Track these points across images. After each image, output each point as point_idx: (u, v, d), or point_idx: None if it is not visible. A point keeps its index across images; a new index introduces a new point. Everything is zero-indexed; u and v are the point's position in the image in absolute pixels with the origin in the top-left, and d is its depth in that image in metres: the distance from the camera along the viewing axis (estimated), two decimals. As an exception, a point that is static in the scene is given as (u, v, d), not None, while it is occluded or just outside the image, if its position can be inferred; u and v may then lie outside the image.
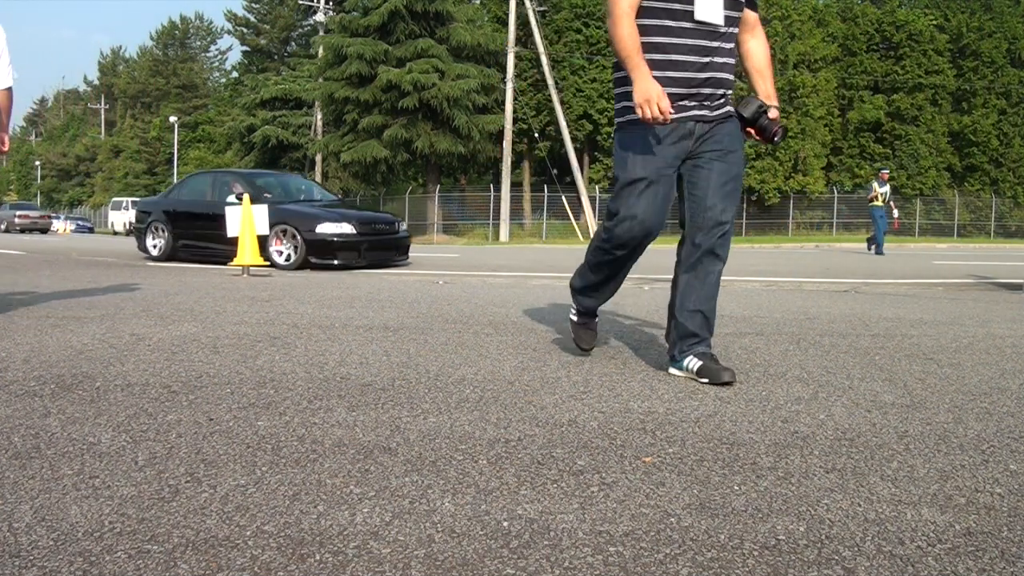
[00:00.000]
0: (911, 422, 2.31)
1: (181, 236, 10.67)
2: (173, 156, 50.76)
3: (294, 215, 9.50)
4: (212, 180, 11.09)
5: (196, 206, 10.82)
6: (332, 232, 9.21)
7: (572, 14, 31.35)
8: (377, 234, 9.66)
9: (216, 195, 10.64)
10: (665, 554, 1.39)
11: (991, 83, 33.56)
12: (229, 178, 10.89)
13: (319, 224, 9.24)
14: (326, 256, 9.12)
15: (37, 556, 1.34)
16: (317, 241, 9.14)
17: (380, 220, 10.09)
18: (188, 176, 11.74)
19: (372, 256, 9.51)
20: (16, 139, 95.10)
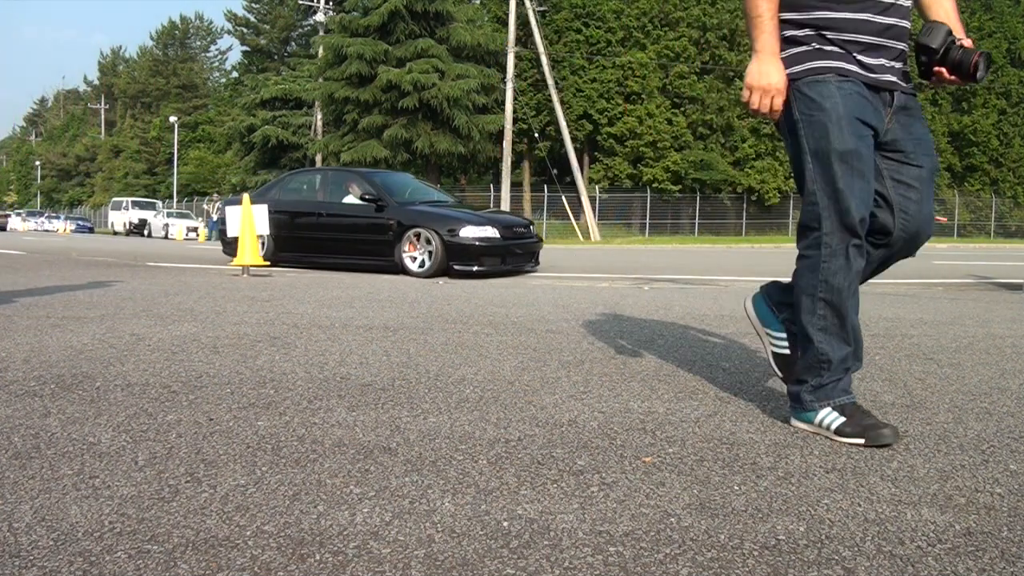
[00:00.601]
0: (911, 422, 2.31)
1: (286, 241, 9.50)
2: (173, 156, 50.76)
3: (433, 218, 8.57)
4: (321, 178, 9.90)
5: (304, 206, 9.64)
6: (476, 236, 8.38)
7: (572, 14, 31.34)
8: (517, 238, 8.89)
9: (328, 195, 9.54)
10: (665, 554, 1.39)
11: (991, 83, 33.56)
12: (345, 176, 9.80)
13: (463, 227, 8.39)
14: (468, 262, 8.31)
15: (37, 556, 1.34)
16: (459, 246, 8.30)
17: (518, 223, 9.24)
18: (288, 174, 10.54)
19: (513, 262, 8.78)
20: (16, 139, 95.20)
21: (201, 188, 48.60)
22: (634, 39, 31.25)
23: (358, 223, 8.98)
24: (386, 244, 8.68)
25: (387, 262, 8.65)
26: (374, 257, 8.80)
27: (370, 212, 8.87)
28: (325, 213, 9.29)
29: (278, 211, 9.51)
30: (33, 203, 74.04)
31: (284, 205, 9.70)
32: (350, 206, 9.14)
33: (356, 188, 9.20)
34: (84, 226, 45.57)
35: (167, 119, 53.07)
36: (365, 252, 8.89)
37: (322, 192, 9.63)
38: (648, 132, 30.31)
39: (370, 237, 8.83)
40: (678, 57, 30.84)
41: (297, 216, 9.52)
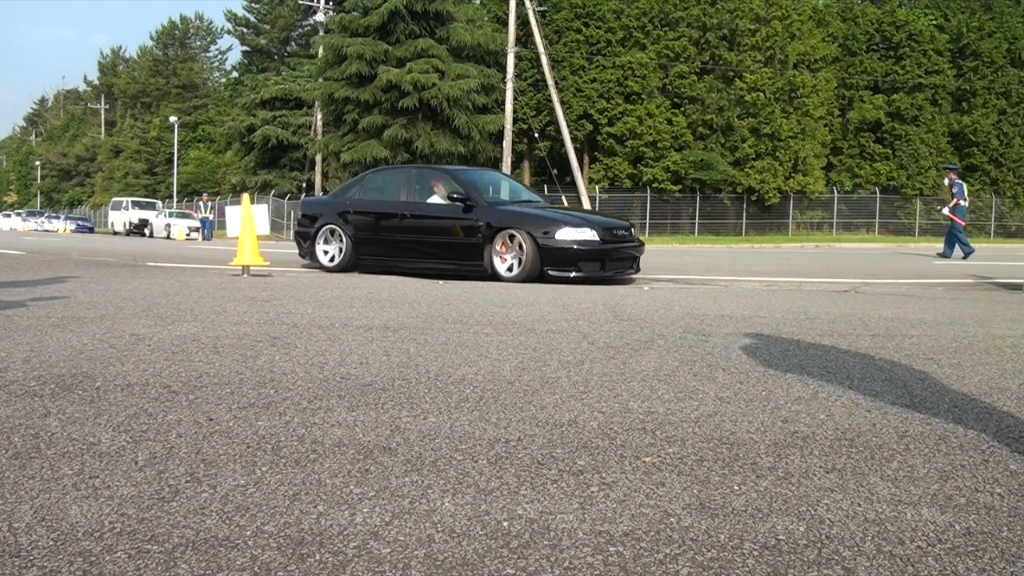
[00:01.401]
0: (911, 422, 2.31)
1: (366, 244, 8.87)
2: (173, 156, 50.77)
3: (526, 219, 7.91)
4: (405, 176, 9.14)
5: (386, 207, 8.93)
6: (574, 239, 7.70)
7: (572, 14, 31.34)
8: (617, 241, 8.12)
9: (412, 194, 8.84)
10: (665, 554, 1.39)
11: (991, 83, 33.56)
12: (430, 174, 9.16)
13: (559, 229, 7.73)
14: (565, 266, 7.66)
15: (37, 556, 1.34)
16: (555, 249, 7.65)
17: (619, 226, 8.39)
18: (370, 172, 9.87)
19: (614, 267, 8.04)
20: (16, 139, 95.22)
21: (201, 188, 48.64)
22: (634, 39, 31.24)
23: (444, 225, 8.33)
24: (475, 247, 8.05)
25: (475, 267, 8.03)
26: (461, 261, 8.17)
27: (457, 213, 8.22)
28: (409, 214, 8.61)
29: (357, 212, 8.95)
30: (33, 203, 74.07)
31: (364, 205, 9.03)
32: (435, 206, 8.52)
33: (442, 187, 8.57)
34: (84, 226, 45.59)
35: (167, 119, 53.08)
36: (452, 256, 8.25)
37: (405, 191, 8.88)
38: (648, 132, 30.30)
39: (457, 240, 8.20)
40: (678, 57, 30.84)
41: (378, 217, 8.86)
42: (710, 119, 31.03)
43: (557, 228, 7.78)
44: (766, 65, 30.77)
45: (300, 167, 39.18)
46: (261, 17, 53.26)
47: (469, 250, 8.11)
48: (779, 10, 31.13)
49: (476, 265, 8.04)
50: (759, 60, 30.80)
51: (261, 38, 53.34)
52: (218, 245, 21.32)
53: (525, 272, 7.71)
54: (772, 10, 31.06)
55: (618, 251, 8.09)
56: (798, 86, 30.89)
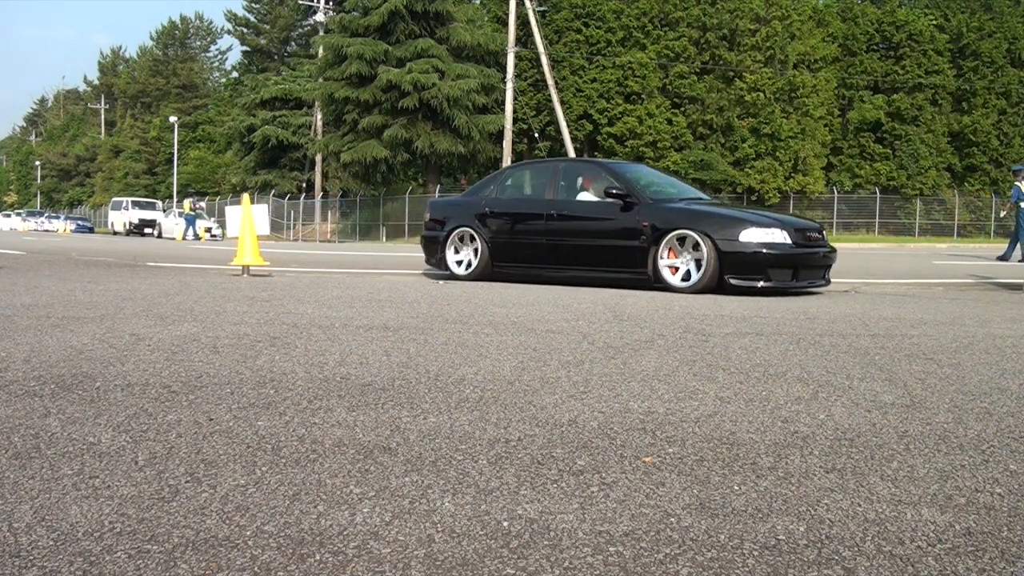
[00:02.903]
0: (911, 422, 2.31)
1: (505, 249, 7.87)
2: (173, 156, 50.77)
3: (702, 218, 6.83)
4: (551, 172, 8.02)
5: (528, 207, 7.93)
6: (761, 241, 6.54)
7: (572, 14, 31.35)
8: (810, 245, 6.96)
9: (560, 192, 7.75)
10: (665, 554, 1.39)
11: (991, 83, 33.56)
12: (580, 169, 8.14)
13: (744, 230, 6.60)
14: (751, 275, 6.52)
15: (37, 556, 1.34)
16: (740, 254, 6.53)
17: (810, 227, 7.24)
18: (509, 168, 8.77)
19: (806, 276, 6.87)
20: (16, 139, 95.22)
21: (201, 188, 48.62)
22: (634, 39, 31.25)
23: (599, 226, 7.33)
24: (637, 252, 6.98)
25: (637, 274, 6.98)
26: (620, 268, 7.13)
27: (614, 212, 7.19)
28: (556, 214, 7.57)
29: (495, 213, 7.96)
30: (33, 203, 74.06)
31: (503, 205, 8.04)
32: (587, 205, 7.54)
33: (595, 183, 7.61)
34: (84, 226, 45.61)
35: (167, 119, 53.09)
36: (609, 262, 7.21)
37: (551, 189, 7.78)
38: (648, 132, 30.31)
39: (615, 243, 7.17)
40: (678, 57, 30.84)
41: (520, 219, 7.88)
42: (710, 119, 31.04)
43: (741, 229, 6.64)
44: (766, 65, 30.78)
45: (300, 167, 39.19)
46: (261, 17, 53.27)
47: (630, 255, 7.05)
48: (779, 10, 31.14)
49: (638, 273, 6.99)
50: (759, 60, 30.81)
51: (261, 38, 53.34)
52: (217, 245, 21.32)
53: (704, 281, 6.57)
54: (772, 10, 31.06)
55: (812, 257, 6.93)
56: (798, 86, 30.90)
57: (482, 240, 7.91)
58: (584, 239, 7.42)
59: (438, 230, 8.38)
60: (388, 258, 14.31)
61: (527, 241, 7.77)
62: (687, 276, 6.74)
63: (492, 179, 8.67)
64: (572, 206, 7.59)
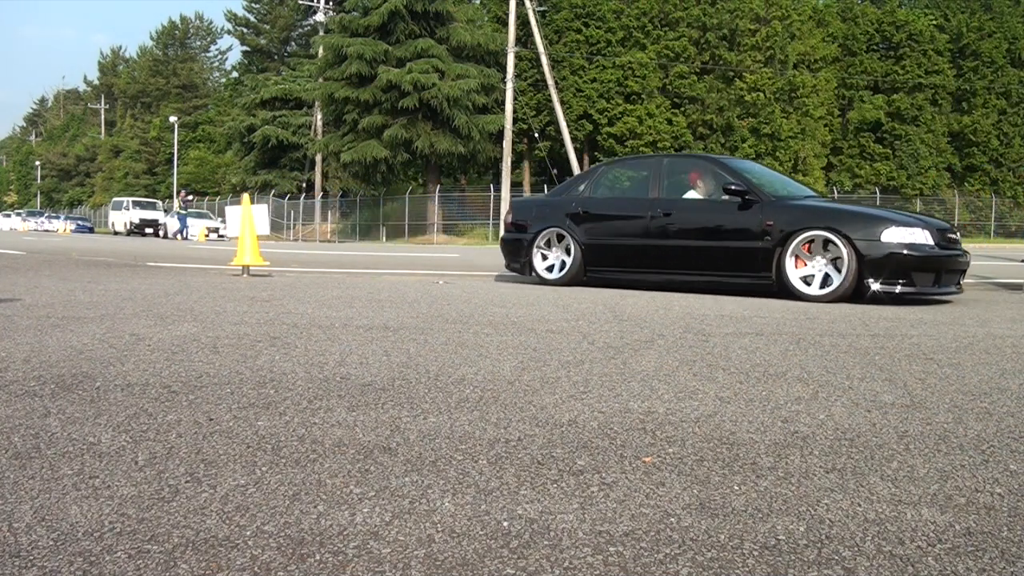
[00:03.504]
0: (911, 422, 2.31)
1: (602, 252, 7.29)
2: (173, 156, 50.78)
3: (838, 216, 6.20)
4: (653, 169, 7.38)
5: (629, 207, 7.36)
6: (903, 242, 5.94)
7: (572, 14, 31.35)
8: (951, 248, 6.34)
9: (664, 190, 7.17)
10: (665, 554, 1.39)
11: (991, 83, 33.57)
12: (687, 164, 7.60)
13: (884, 229, 5.98)
14: (893, 278, 5.92)
15: (37, 556, 1.34)
16: (881, 256, 5.90)
17: (949, 228, 6.62)
18: (603, 164, 8.22)
19: (946, 280, 6.22)
20: (16, 139, 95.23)
21: (201, 188, 48.62)
22: (634, 39, 31.25)
23: (715, 227, 6.75)
24: (759, 254, 6.37)
25: (759, 279, 6.40)
26: (739, 273, 6.53)
27: (731, 211, 6.63)
28: (663, 214, 6.97)
29: (590, 213, 7.38)
30: (33, 203, 74.07)
31: (600, 205, 7.47)
32: (699, 203, 6.99)
33: (704, 180, 7.08)
34: (84, 226, 45.60)
35: (167, 119, 53.09)
36: (726, 266, 6.61)
37: (655, 186, 7.18)
38: (648, 132, 30.32)
39: (733, 245, 6.58)
40: (678, 57, 30.85)
41: (619, 219, 7.30)
42: (710, 119, 31.04)
43: (883, 228, 6.00)
44: (766, 65, 30.79)
45: (300, 167, 39.20)
46: (261, 17, 53.28)
47: (750, 258, 6.44)
48: (779, 10, 31.15)
49: (760, 277, 6.39)
50: (759, 60, 30.82)
51: (261, 38, 53.36)
52: (217, 245, 21.33)
53: (844, 286, 5.96)
54: (772, 10, 31.07)
55: (953, 260, 6.29)
56: (798, 86, 30.91)
57: (574, 242, 7.32)
58: (697, 241, 6.81)
59: (522, 232, 7.82)
60: (388, 258, 14.31)
61: (628, 243, 7.17)
62: (821, 281, 6.13)
63: (583, 177, 8.06)
64: (681, 205, 6.99)
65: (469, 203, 33.10)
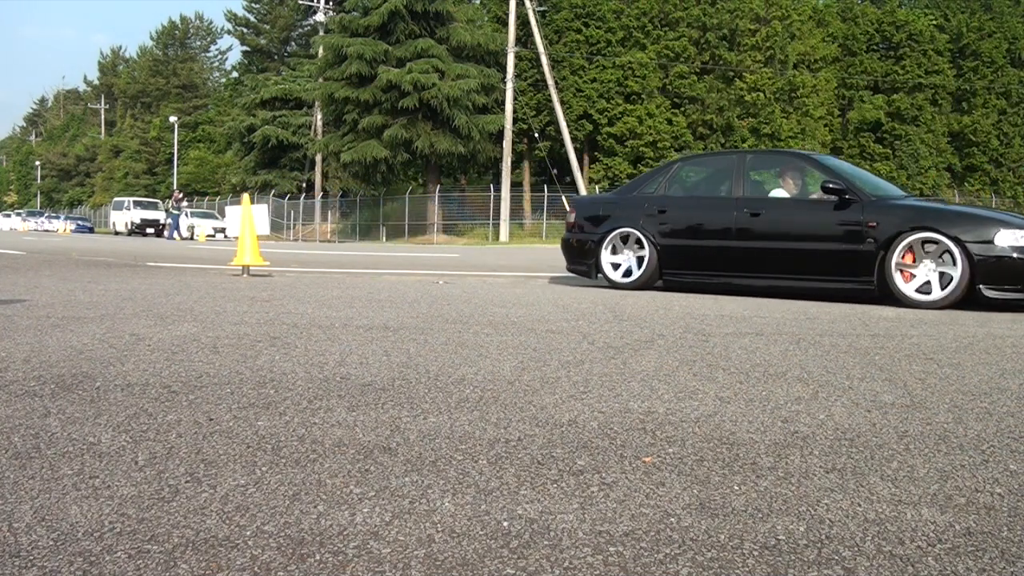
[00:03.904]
0: (911, 422, 2.31)
1: (680, 254, 6.84)
2: (173, 156, 50.78)
3: (946, 217, 5.82)
4: (735, 165, 6.93)
5: (710, 206, 6.94)
6: (1016, 246, 5.57)
7: (572, 14, 31.35)
8: None
9: (748, 188, 6.77)
10: (665, 554, 1.39)
11: (991, 83, 33.58)
12: (774, 161, 7.24)
13: (996, 231, 5.60)
14: (1010, 285, 5.55)
15: (37, 556, 1.34)
16: (996, 260, 5.54)
17: None
18: (680, 160, 7.76)
19: None
20: (16, 139, 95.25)
21: (201, 188, 48.64)
22: (634, 39, 31.25)
23: (809, 228, 6.32)
24: (860, 258, 5.96)
25: (860, 284, 5.97)
26: (837, 277, 6.12)
27: (826, 210, 6.21)
28: (750, 213, 6.53)
29: (666, 211, 6.93)
30: (33, 203, 74.07)
31: (678, 204, 7.05)
32: (789, 202, 6.57)
33: (792, 177, 6.72)
34: (84, 226, 45.61)
35: (167, 119, 53.10)
36: (822, 270, 6.19)
37: (739, 184, 6.76)
38: (648, 132, 30.32)
39: (830, 248, 6.16)
40: (678, 57, 30.85)
41: (700, 219, 6.88)
42: (710, 119, 31.04)
43: (995, 230, 5.61)
44: (766, 65, 30.79)
45: (300, 167, 39.20)
46: (261, 17, 53.28)
47: (850, 262, 6.04)
48: (779, 10, 31.16)
49: (860, 282, 5.98)
50: (759, 60, 30.82)
51: (261, 38, 53.36)
52: (217, 245, 21.32)
53: (957, 292, 5.58)
54: (772, 10, 31.07)
55: None
56: (798, 86, 30.92)
57: (649, 243, 6.87)
58: (789, 243, 6.36)
59: (588, 232, 7.34)
60: (388, 258, 14.31)
61: (710, 245, 6.71)
62: (930, 287, 5.72)
63: (656, 174, 7.52)
64: (771, 204, 6.56)
65: (469, 203, 33.11)
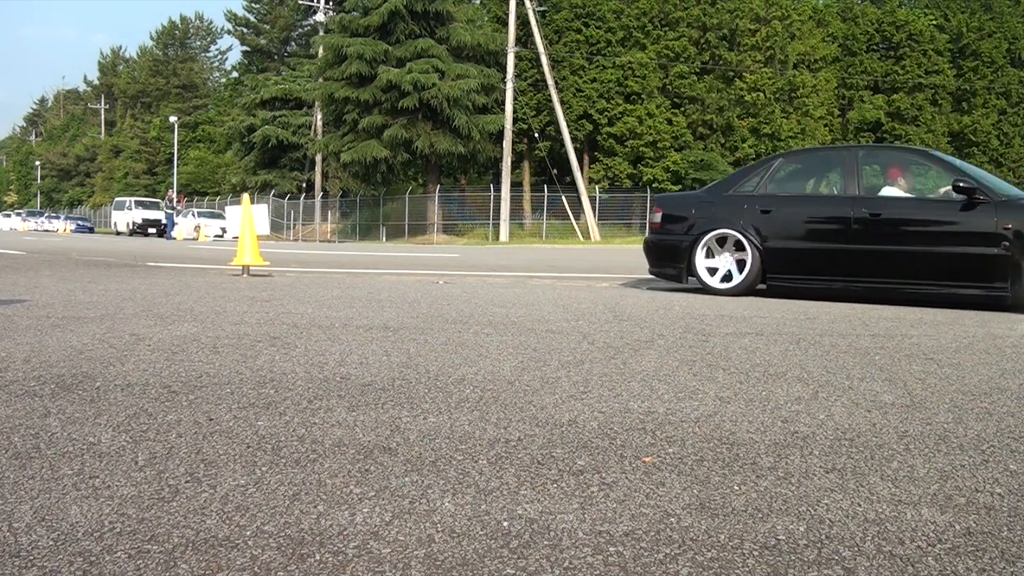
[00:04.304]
0: (911, 422, 2.31)
1: (788, 257, 6.37)
2: (173, 156, 50.78)
3: None
4: (847, 162, 6.46)
5: (821, 205, 6.57)
6: None
7: (572, 14, 31.34)
8: None
9: (862, 186, 6.30)
10: (665, 554, 1.39)
11: (991, 83, 33.57)
12: (887, 157, 6.83)
13: None
14: None
15: (37, 556, 1.34)
16: None
17: None
18: (781, 156, 7.31)
19: None
20: (16, 139, 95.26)
21: (201, 188, 48.63)
22: (634, 39, 31.24)
23: (936, 229, 5.93)
24: (994, 262, 5.60)
25: (992, 291, 5.61)
26: (967, 283, 5.73)
27: (951, 211, 5.83)
28: (868, 214, 6.07)
29: (770, 212, 6.48)
30: (33, 203, 74.07)
31: (783, 203, 6.56)
32: (912, 202, 6.17)
33: (908, 175, 6.39)
34: (84, 226, 45.62)
35: (167, 119, 53.07)
36: (948, 275, 5.80)
37: (852, 181, 6.31)
38: (648, 132, 30.31)
39: (960, 251, 5.78)
40: (678, 57, 30.84)
41: (811, 220, 6.43)
42: (710, 119, 31.04)
43: None
44: (766, 65, 30.79)
45: (300, 167, 39.20)
46: (261, 17, 53.28)
47: (981, 266, 5.67)
48: (779, 10, 31.15)
49: (992, 288, 5.62)
50: (759, 60, 30.82)
51: (261, 38, 53.35)
52: (217, 245, 21.32)
53: None
54: (772, 10, 31.07)
55: None
56: (798, 86, 30.91)
57: (752, 246, 6.40)
58: (913, 246, 5.96)
59: (678, 233, 6.84)
60: (388, 258, 14.31)
61: (824, 247, 6.26)
62: None
63: (753, 171, 6.99)
64: (892, 204, 6.11)
65: (469, 203, 33.11)
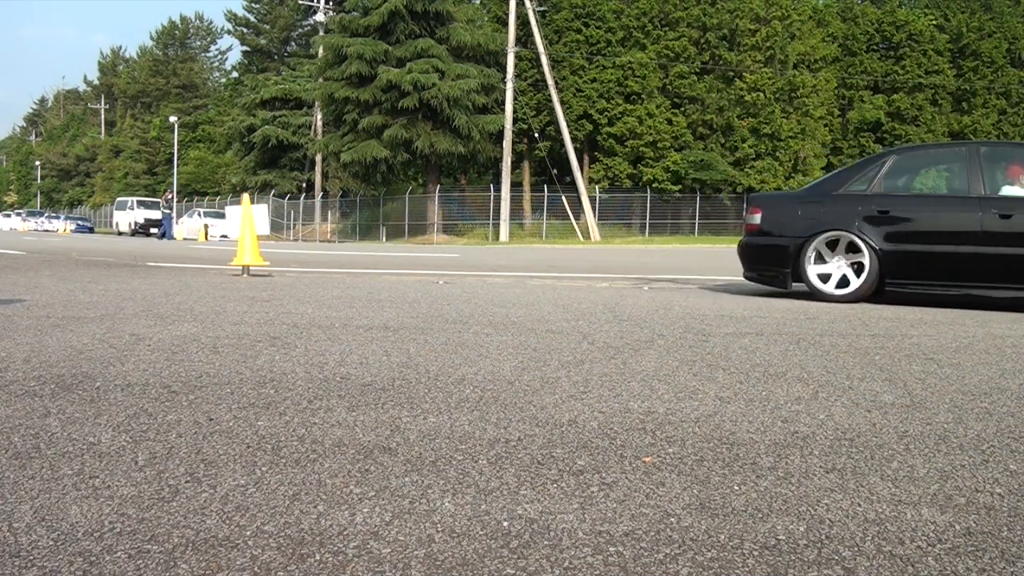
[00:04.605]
0: (911, 422, 2.31)
1: (910, 261, 5.95)
2: (173, 156, 50.77)
3: None
4: (965, 159, 6.07)
5: (946, 207, 6.02)
6: None
7: (572, 14, 31.34)
8: None
9: (986, 184, 5.88)
10: (665, 554, 1.39)
11: (991, 83, 33.57)
12: (1010, 153, 6.41)
13: None
14: None
15: (37, 556, 1.34)
16: None
17: None
18: (893, 152, 6.83)
19: None
20: (16, 139, 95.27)
21: (201, 188, 48.62)
22: (634, 39, 31.24)
23: None
24: None
25: None
26: None
27: None
28: (998, 214, 5.70)
29: (888, 212, 6.02)
30: (33, 203, 74.06)
31: (902, 204, 6.10)
32: None
33: None
34: (84, 226, 45.62)
35: (167, 119, 53.03)
36: None
37: (977, 180, 5.89)
38: (648, 132, 30.31)
39: None
40: (678, 57, 30.84)
41: (935, 222, 5.97)
42: (710, 119, 31.03)
43: None
44: (766, 65, 30.78)
45: (300, 167, 39.19)
46: (261, 17, 53.28)
47: None
48: (779, 10, 31.14)
49: None
50: (759, 60, 30.81)
51: (261, 38, 53.35)
52: (217, 245, 21.32)
53: None
54: (772, 10, 31.06)
55: None
56: (798, 86, 30.91)
57: (869, 249, 5.95)
58: None
59: (781, 235, 6.38)
60: (388, 258, 14.31)
61: (950, 251, 5.83)
62: None
63: (863, 168, 6.46)
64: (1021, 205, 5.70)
65: (469, 203, 33.11)
